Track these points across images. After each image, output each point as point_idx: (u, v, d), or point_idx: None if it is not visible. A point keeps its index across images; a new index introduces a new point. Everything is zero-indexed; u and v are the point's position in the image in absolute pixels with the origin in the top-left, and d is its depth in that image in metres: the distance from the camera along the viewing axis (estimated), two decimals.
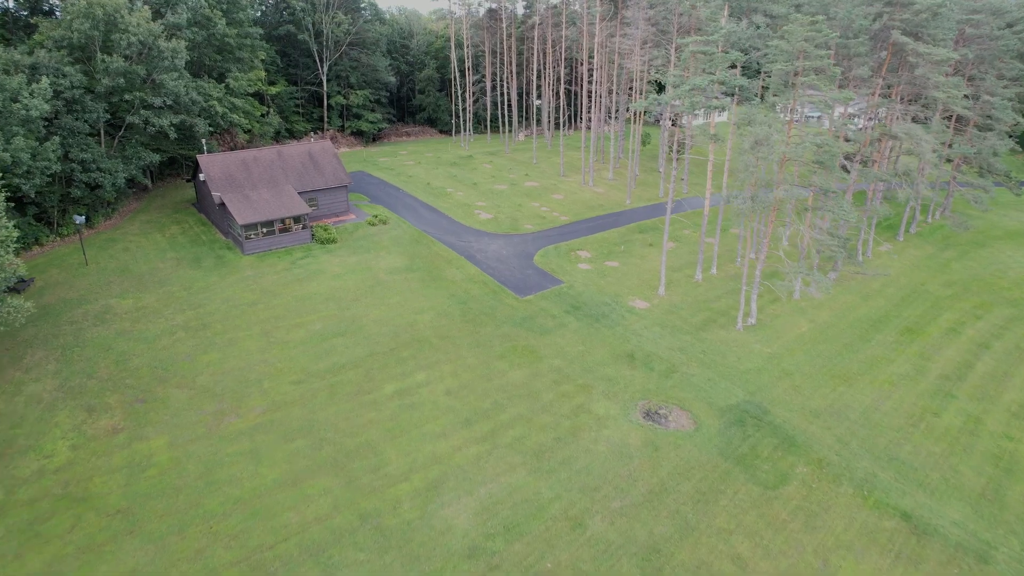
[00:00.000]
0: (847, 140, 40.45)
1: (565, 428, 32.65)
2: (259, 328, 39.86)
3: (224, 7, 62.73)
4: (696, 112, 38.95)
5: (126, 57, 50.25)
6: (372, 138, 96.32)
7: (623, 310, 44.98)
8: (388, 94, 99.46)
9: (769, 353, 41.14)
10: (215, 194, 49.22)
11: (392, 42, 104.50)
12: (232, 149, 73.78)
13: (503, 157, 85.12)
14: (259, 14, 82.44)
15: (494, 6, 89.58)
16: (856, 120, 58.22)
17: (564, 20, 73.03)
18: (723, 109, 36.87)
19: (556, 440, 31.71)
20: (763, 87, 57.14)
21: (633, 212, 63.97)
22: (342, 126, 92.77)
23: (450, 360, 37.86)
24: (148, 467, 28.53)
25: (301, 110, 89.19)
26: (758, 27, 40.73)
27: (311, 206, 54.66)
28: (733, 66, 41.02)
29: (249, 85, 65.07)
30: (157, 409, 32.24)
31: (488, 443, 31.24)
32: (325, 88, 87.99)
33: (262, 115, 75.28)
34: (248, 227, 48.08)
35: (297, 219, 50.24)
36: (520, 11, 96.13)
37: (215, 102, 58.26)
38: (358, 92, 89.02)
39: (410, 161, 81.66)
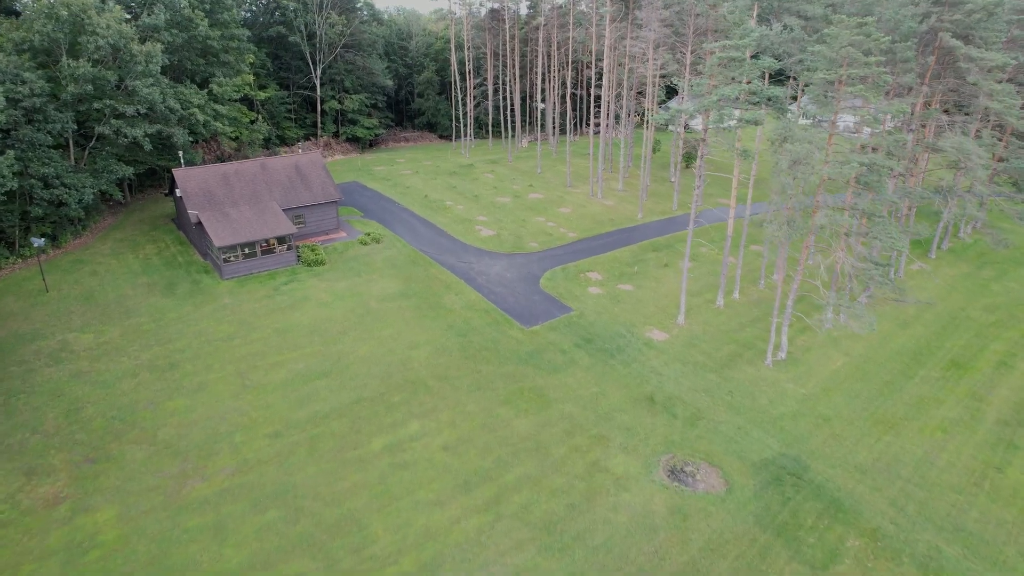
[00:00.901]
0: (889, 155, 36.12)
1: (579, 492, 28.37)
2: (234, 368, 35.57)
3: (207, 7, 58.46)
4: (724, 125, 34.62)
5: (95, 62, 46.00)
6: (368, 144, 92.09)
7: (640, 343, 40.68)
8: (385, 98, 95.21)
9: (803, 394, 36.84)
10: (191, 212, 44.97)
11: (390, 44, 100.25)
12: (219, 158, 69.59)
13: (505, 166, 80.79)
14: (247, 15, 78.14)
15: (496, 6, 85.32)
16: (890, 132, 53.83)
17: (571, 21, 68.75)
18: (758, 123, 32.52)
19: (569, 508, 27.44)
20: (792, 97, 52.70)
21: (646, 228, 59.64)
22: (337, 132, 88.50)
23: (448, 407, 33.57)
24: (90, 548, 24.25)
25: (293, 116, 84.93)
26: (791, 30, 36.49)
27: (298, 224, 50.39)
28: (765, 74, 36.67)
29: (235, 91, 60.78)
30: (109, 471, 27.98)
31: (491, 513, 26.97)
32: (319, 92, 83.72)
33: (251, 122, 70.99)
34: (227, 249, 43.82)
35: (282, 239, 45.98)
36: (523, 11, 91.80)
37: (196, 110, 54.00)
38: (353, 97, 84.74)
39: (407, 170, 77.34)
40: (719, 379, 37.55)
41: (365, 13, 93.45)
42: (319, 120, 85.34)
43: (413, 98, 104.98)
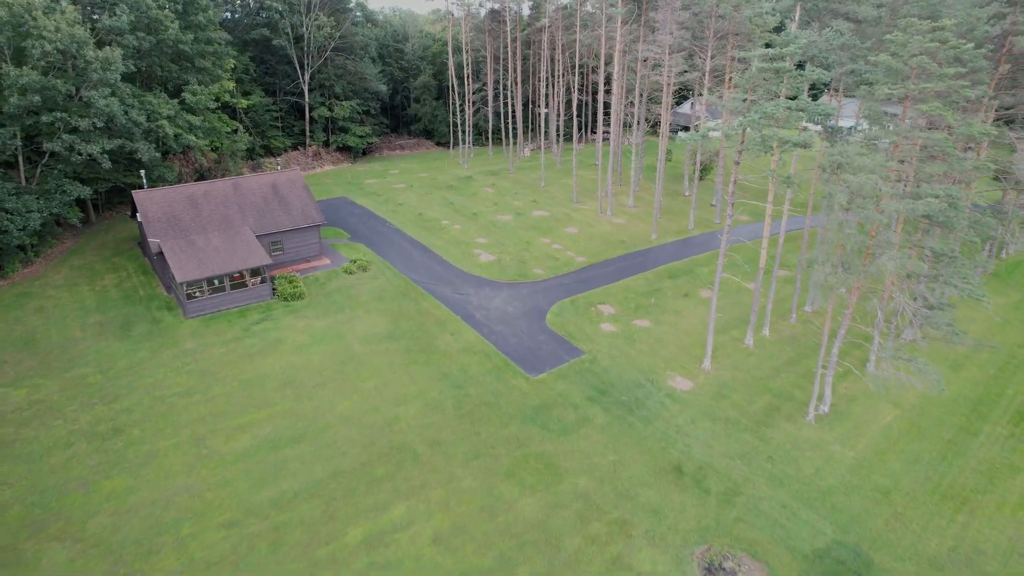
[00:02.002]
0: (965, 185, 30.84)
1: None
2: (189, 433, 30.27)
3: (179, 8, 53.13)
4: (762, 148, 29.32)
5: (44, 69, 40.70)
6: (361, 152, 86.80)
7: (661, 394, 35.41)
8: (379, 104, 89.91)
9: (854, 459, 31.58)
10: (152, 240, 39.70)
11: (384, 46, 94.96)
12: (197, 172, 64.24)
13: (507, 178, 75.43)
14: (228, 16, 72.76)
15: (497, 7, 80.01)
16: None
17: (578, 22, 63.49)
18: (806, 146, 27.24)
19: None
20: None
21: (661, 250, 54.32)
22: (327, 141, 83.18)
23: (440, 482, 28.29)
24: None
25: (280, 124, 79.57)
26: (840, 34, 31.33)
27: (274, 251, 45.07)
28: (813, 87, 31.35)
29: (210, 99, 55.42)
30: None
31: None
32: (307, 99, 78.38)
33: (232, 131, 65.67)
34: (191, 284, 38.53)
35: (255, 271, 40.69)
36: (526, 12, 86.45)
37: (165, 122, 48.66)
38: (344, 103, 79.39)
39: (401, 183, 71.96)
40: (755, 440, 32.30)
41: (358, 14, 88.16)
42: (308, 128, 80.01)
43: (409, 103, 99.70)
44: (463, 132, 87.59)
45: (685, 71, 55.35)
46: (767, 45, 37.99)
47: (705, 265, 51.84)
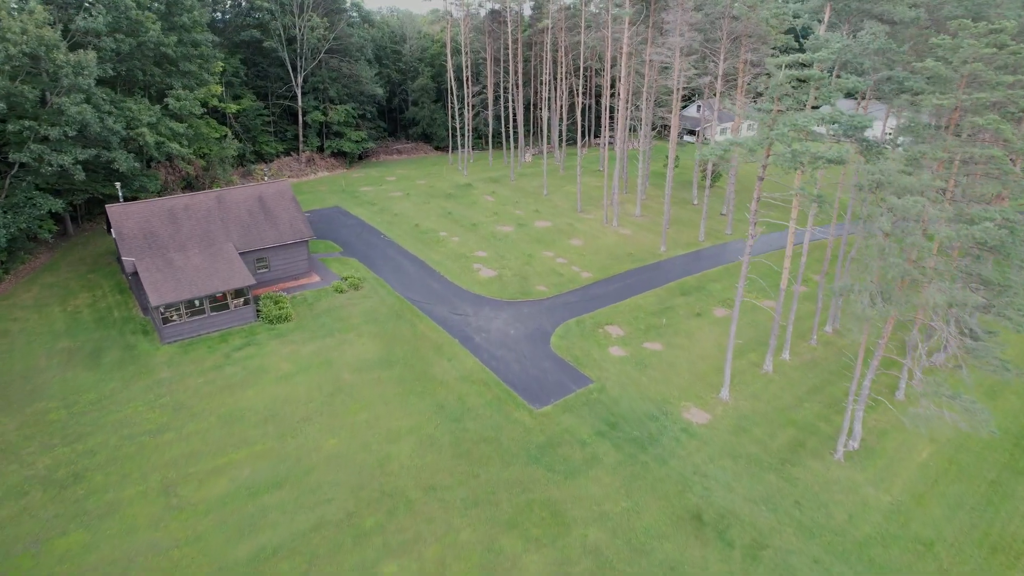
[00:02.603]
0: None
1: None
2: (158, 479, 27.40)
3: (161, 8, 50.27)
4: (791, 164, 26.46)
5: (12, 74, 37.87)
6: (357, 157, 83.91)
7: (676, 428, 32.56)
8: (375, 108, 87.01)
9: (890, 504, 28.74)
10: (127, 259, 36.86)
11: (381, 47, 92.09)
12: (184, 180, 61.34)
13: (507, 186, 72.53)
14: (215, 16, 69.83)
15: (497, 7, 77.15)
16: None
17: (582, 23, 60.61)
18: (842, 162, 24.39)
19: None
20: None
21: (671, 264, 51.45)
22: (321, 146, 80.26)
23: (435, 535, 25.44)
24: None
25: (272, 129, 76.67)
26: (875, 37, 28.50)
27: (260, 268, 42.20)
28: (851, 95, 28.54)
29: (196, 105, 52.50)
30: None
31: None
32: (300, 103, 75.48)
33: (220, 137, 62.81)
34: (168, 307, 35.67)
35: (239, 292, 37.84)
36: (527, 13, 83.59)
37: (145, 129, 45.81)
38: (339, 107, 76.49)
39: (397, 192, 69.05)
40: (781, 482, 29.46)
41: (354, 15, 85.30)
42: (301, 133, 77.12)
43: (407, 106, 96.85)
44: (462, 136, 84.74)
45: (697, 75, 52.50)
46: (798, 49, 35.07)
47: (718, 281, 48.99)
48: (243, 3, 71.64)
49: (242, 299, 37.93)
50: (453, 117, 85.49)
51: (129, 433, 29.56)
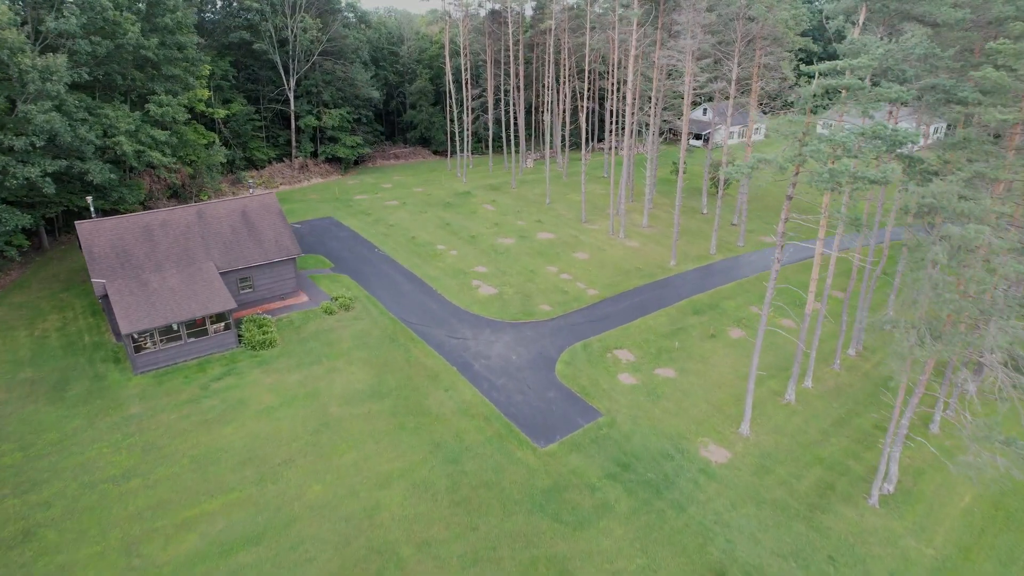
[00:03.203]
0: None
1: None
2: (119, 535, 24.53)
3: (141, 8, 47.43)
4: (827, 184, 23.62)
5: None
6: (354, 162, 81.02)
7: (694, 469, 29.73)
8: (372, 112, 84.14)
9: (934, 558, 25.93)
10: (96, 281, 33.98)
11: (378, 49, 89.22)
12: (169, 189, 58.53)
13: (508, 194, 69.61)
14: (201, 17, 66.87)
15: (498, 7, 74.29)
16: None
17: (587, 24, 57.74)
18: (886, 183, 21.59)
19: None
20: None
21: (681, 280, 48.60)
22: (315, 152, 77.37)
23: None
24: None
25: (264, 134, 73.76)
26: (921, 42, 25.73)
27: (244, 288, 39.34)
28: (905, 102, 25.66)
29: (178, 111, 49.59)
30: None
31: None
32: (292, 107, 72.60)
33: (207, 144, 59.97)
34: (142, 333, 32.81)
35: (219, 316, 35.00)
36: (529, 13, 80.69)
37: (122, 138, 42.97)
38: (333, 111, 73.58)
39: (393, 200, 66.11)
40: (811, 532, 26.62)
41: (350, 15, 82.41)
42: (294, 138, 74.23)
43: (405, 109, 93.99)
44: (462, 140, 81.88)
45: (710, 80, 49.67)
46: (823, 55, 32.13)
47: (731, 298, 46.16)
48: (233, 3, 68.74)
49: (223, 323, 35.09)
50: (452, 121, 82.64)
51: (90, 480, 26.69)
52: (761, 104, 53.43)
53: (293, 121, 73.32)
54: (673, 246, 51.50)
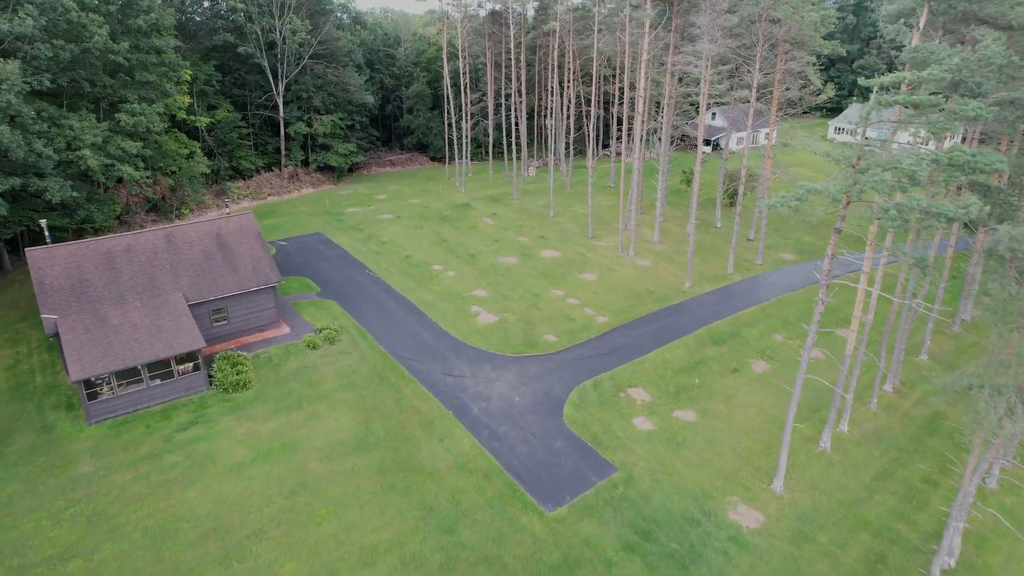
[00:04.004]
0: None
1: None
2: None
3: (112, 9, 43.61)
4: (893, 222, 19.83)
5: None
6: (347, 170, 77.23)
7: (723, 537, 25.95)
8: (366, 118, 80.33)
9: None
10: (47, 317, 30.17)
11: (374, 51, 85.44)
12: (148, 203, 54.69)
13: (509, 206, 65.75)
14: (182, 18, 63.02)
15: (498, 7, 70.48)
16: None
17: (595, 26, 53.94)
18: (968, 219, 17.79)
19: None
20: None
21: (697, 303, 44.78)
22: (305, 160, 73.50)
23: None
24: None
25: (251, 142, 69.90)
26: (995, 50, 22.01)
27: (217, 320, 35.52)
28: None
29: (153, 120, 45.74)
30: None
31: None
32: (282, 113, 68.78)
33: (189, 155, 56.17)
34: (97, 378, 28.99)
35: (189, 355, 31.20)
36: (531, 14, 76.83)
37: (87, 151, 39.19)
38: (324, 118, 69.74)
39: (387, 213, 62.22)
40: None
41: (343, 16, 78.61)
42: (283, 146, 70.39)
43: (401, 114, 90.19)
44: (460, 147, 78.05)
45: (731, 87, 45.87)
46: (892, 65, 28.27)
47: (752, 324, 42.37)
48: (217, 3, 64.89)
49: (191, 364, 31.27)
50: (450, 126, 78.82)
51: (20, 564, 22.82)
52: (780, 110, 49.58)
53: (282, 128, 69.50)
54: (688, 265, 47.68)
